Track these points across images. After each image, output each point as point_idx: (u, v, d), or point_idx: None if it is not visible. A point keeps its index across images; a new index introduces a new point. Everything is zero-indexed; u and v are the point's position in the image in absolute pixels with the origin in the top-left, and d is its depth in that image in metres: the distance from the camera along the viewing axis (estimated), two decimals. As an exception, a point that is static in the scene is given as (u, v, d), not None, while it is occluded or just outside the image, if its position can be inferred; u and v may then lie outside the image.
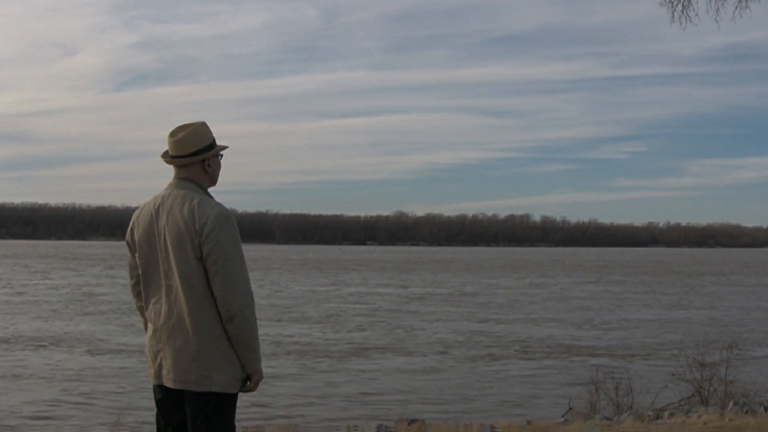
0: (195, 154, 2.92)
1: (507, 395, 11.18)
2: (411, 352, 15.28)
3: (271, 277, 42.09)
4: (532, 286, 37.48)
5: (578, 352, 15.58)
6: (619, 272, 51.77)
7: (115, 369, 12.90)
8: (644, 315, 23.44)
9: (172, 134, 2.94)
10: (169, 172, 3.01)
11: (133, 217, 3.00)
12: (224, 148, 3.02)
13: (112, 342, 16.11)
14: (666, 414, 7.85)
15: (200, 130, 2.96)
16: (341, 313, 23.00)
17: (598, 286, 37.26)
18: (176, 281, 2.80)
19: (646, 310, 24.89)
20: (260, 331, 2.92)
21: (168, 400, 2.92)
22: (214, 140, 3.00)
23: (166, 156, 2.97)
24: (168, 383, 2.86)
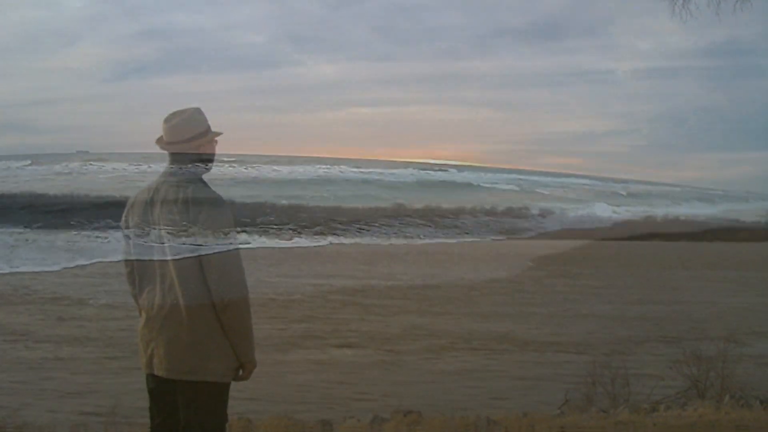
0: (189, 141, 2.89)
1: (497, 389, 11.06)
2: (394, 347, 14.86)
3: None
4: (522, 278, 37.29)
5: (567, 346, 15.26)
6: (611, 265, 51.62)
7: (95, 359, 12.31)
8: (639, 309, 23.38)
9: (167, 120, 2.91)
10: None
11: (128, 204, 2.96)
12: (219, 134, 2.99)
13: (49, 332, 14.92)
14: (662, 407, 7.83)
15: (195, 116, 2.93)
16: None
17: (580, 280, 36.89)
18: (170, 270, 2.78)
19: (639, 304, 24.80)
20: None
21: (160, 390, 2.89)
22: (209, 126, 2.96)
23: (160, 142, 2.94)
24: (160, 372, 2.83)
